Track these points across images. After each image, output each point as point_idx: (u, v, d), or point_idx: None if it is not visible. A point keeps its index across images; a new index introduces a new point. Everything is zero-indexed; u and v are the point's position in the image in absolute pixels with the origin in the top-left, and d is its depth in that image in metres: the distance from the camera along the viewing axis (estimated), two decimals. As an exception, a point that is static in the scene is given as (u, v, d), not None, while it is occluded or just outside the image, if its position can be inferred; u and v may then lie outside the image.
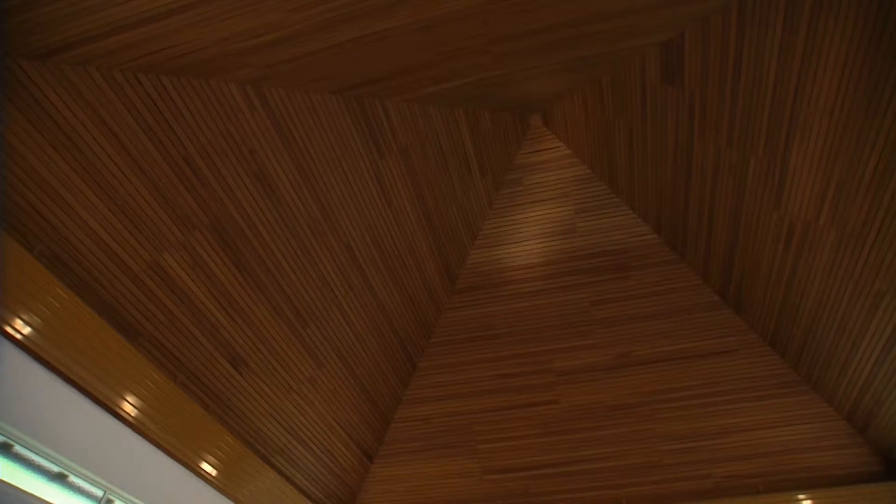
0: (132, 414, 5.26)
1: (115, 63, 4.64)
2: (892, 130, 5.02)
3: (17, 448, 4.34)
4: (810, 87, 5.42)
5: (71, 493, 4.75)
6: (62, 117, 4.46)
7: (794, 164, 6.09)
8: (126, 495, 5.17)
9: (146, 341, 5.40)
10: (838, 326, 6.86)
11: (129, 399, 5.21)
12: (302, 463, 7.59)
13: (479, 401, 9.01)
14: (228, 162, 5.62)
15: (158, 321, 5.46)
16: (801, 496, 7.55)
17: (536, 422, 8.77)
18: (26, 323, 4.32)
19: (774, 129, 6.05)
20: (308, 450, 7.61)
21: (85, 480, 4.85)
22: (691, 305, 8.67)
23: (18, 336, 4.26)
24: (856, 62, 4.98)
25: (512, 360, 9.13)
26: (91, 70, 4.54)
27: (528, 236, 9.60)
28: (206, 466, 6.14)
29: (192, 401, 5.84)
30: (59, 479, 4.68)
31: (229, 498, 6.54)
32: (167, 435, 5.64)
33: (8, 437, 4.25)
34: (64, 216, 4.63)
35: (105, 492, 5.00)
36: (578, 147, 9.34)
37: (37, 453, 4.47)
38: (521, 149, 9.65)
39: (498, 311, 9.44)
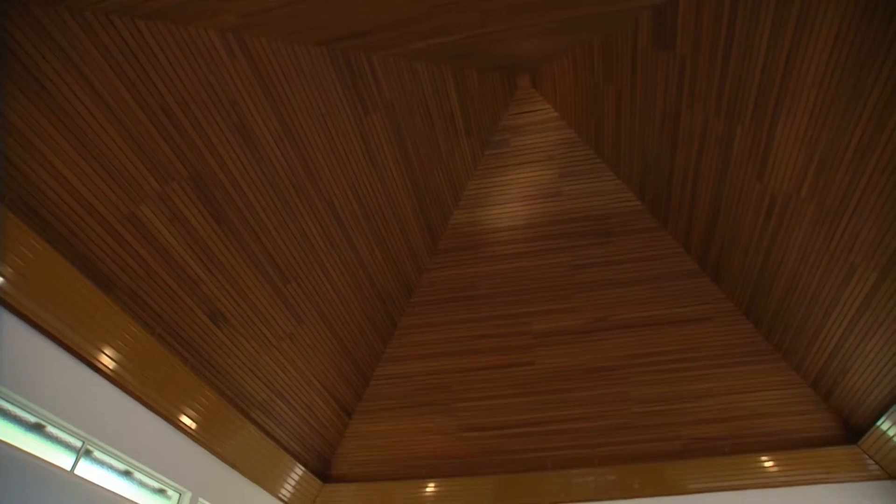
0: (109, 366, 5.24)
1: (87, 3, 4.43)
2: (877, 105, 5.02)
3: (-8, 398, 4.32)
4: (801, 57, 5.38)
5: (49, 443, 4.75)
6: (32, 61, 4.27)
7: (780, 136, 6.09)
8: (105, 446, 5.19)
9: (123, 294, 5.33)
10: (811, 297, 7.01)
11: (106, 351, 5.18)
12: (281, 418, 7.67)
13: (458, 360, 9.13)
14: (208, 112, 5.46)
15: (135, 273, 5.38)
16: (764, 458, 7.85)
17: (513, 382, 8.93)
18: (-1, 273, 4.24)
19: (763, 99, 6.02)
20: (287, 405, 7.68)
21: (62, 431, 4.85)
22: (670, 273, 8.79)
23: (-9, 286, 4.19)
24: (847, 36, 4.93)
25: (491, 322, 9.23)
26: (61, 10, 4.33)
27: (511, 198, 9.58)
28: (185, 419, 6.17)
29: (170, 354, 5.82)
30: (37, 429, 4.67)
31: (209, 451, 6.60)
32: (146, 388, 5.64)
33: (-18, 388, 4.22)
34: (36, 165, 4.49)
35: (83, 442, 5.02)
36: (566, 110, 9.24)
37: (13, 404, 4.45)
38: (508, 110, 9.52)
39: (479, 272, 9.49)
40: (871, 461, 7.56)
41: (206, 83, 5.35)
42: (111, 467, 5.35)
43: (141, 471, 5.65)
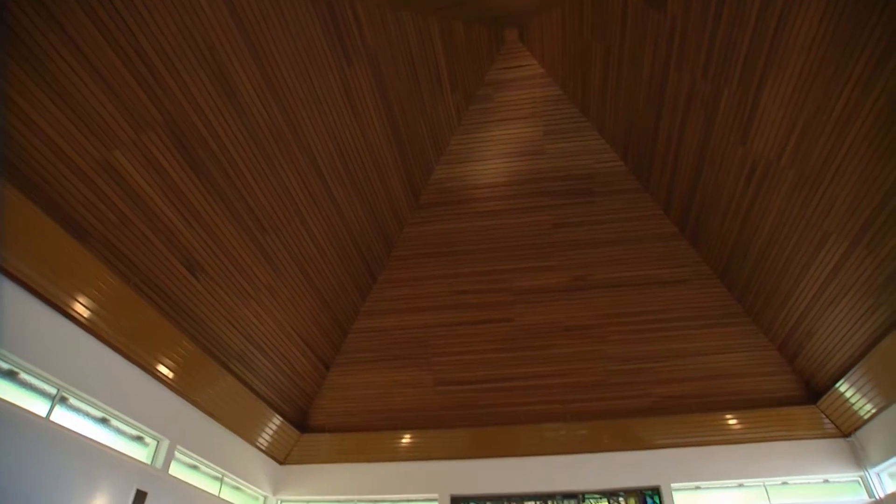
0: (84, 315, 5.18)
1: (55, -64, 4.17)
2: (863, 73, 5.02)
3: (-36, 345, 4.26)
4: (792, 21, 5.31)
5: (23, 390, 4.73)
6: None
7: (766, 100, 6.07)
8: (80, 393, 5.19)
9: (97, 242, 5.23)
10: (784, 263, 7.15)
11: (80, 300, 5.12)
12: (259, 369, 7.72)
13: (436, 315, 9.21)
14: (185, 59, 5.25)
15: (110, 222, 5.27)
16: (728, 416, 8.15)
17: (491, 338, 9.06)
18: (-34, 219, 4.12)
19: (751, 62, 5.97)
20: (266, 356, 7.72)
21: (36, 378, 4.82)
22: (650, 235, 8.87)
23: (-42, 232, 4.08)
24: (840, 1, 4.88)
25: (471, 278, 9.29)
26: (27, -57, 4.08)
27: (494, 155, 9.50)
28: (162, 369, 6.18)
29: (147, 304, 5.78)
30: (10, 376, 4.64)
31: (187, 400, 6.64)
32: (122, 337, 5.61)
33: (-47, 334, 4.16)
34: (5, 110, 4.30)
35: (58, 389, 5.00)
36: (553, 66, 9.08)
37: (-16, 351, 4.41)
38: (495, 64, 9.32)
39: (460, 228, 9.48)
40: (827, 420, 7.90)
41: (182, 28, 5.13)
42: (87, 414, 5.36)
43: (118, 418, 5.67)
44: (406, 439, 8.78)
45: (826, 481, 7.69)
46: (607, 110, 8.63)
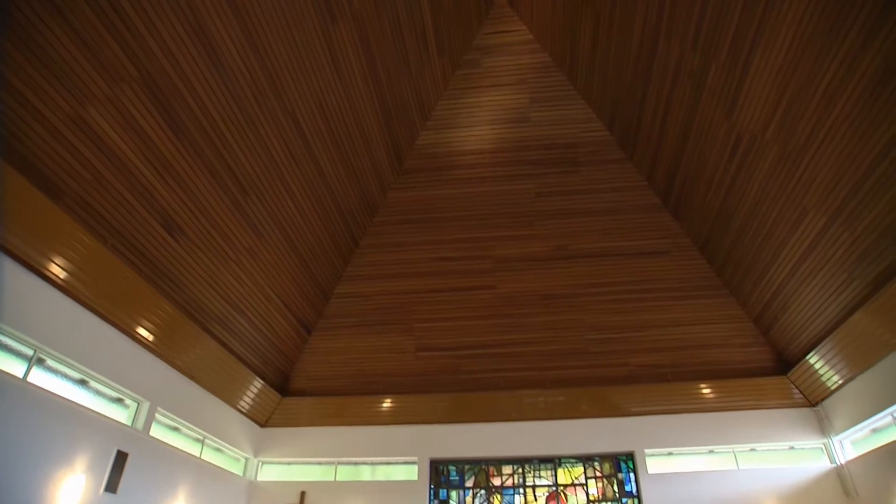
0: (60, 276, 5.08)
1: None
2: (850, 49, 4.99)
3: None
4: (783, -6, 5.27)
5: (-2, 350, 4.66)
6: (-40, -62, 3.83)
7: (754, 74, 6.05)
8: (57, 354, 5.13)
9: (71, 201, 5.08)
10: (764, 237, 7.24)
11: (55, 260, 5.01)
12: (240, 332, 7.69)
13: (418, 281, 9.22)
14: (162, 12, 5.05)
15: (84, 181, 5.12)
16: (702, 385, 8.35)
17: (473, 305, 9.11)
18: (-66, 174, 3.97)
19: (741, 34, 5.91)
20: (246, 319, 7.68)
21: (12, 339, 4.75)
22: (633, 206, 8.91)
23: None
24: (833, -27, 4.84)
25: (453, 245, 9.28)
26: None
27: (480, 121, 9.40)
28: (142, 331, 6.12)
29: (125, 265, 5.67)
30: (-16, 336, 4.57)
31: (167, 363, 6.61)
32: (100, 298, 5.53)
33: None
34: (-30, 58, 4.12)
35: (35, 351, 4.94)
36: (541, 33, 8.94)
37: (-43, 311, 4.31)
38: (483, 28, 9.14)
39: (443, 194, 9.43)
40: (796, 391, 8.14)
41: (159, -22, 4.92)
42: (66, 376, 5.31)
43: (97, 380, 5.64)
44: (387, 404, 8.87)
45: (792, 448, 7.97)
46: (595, 79, 8.55)
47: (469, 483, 8.59)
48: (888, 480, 6.64)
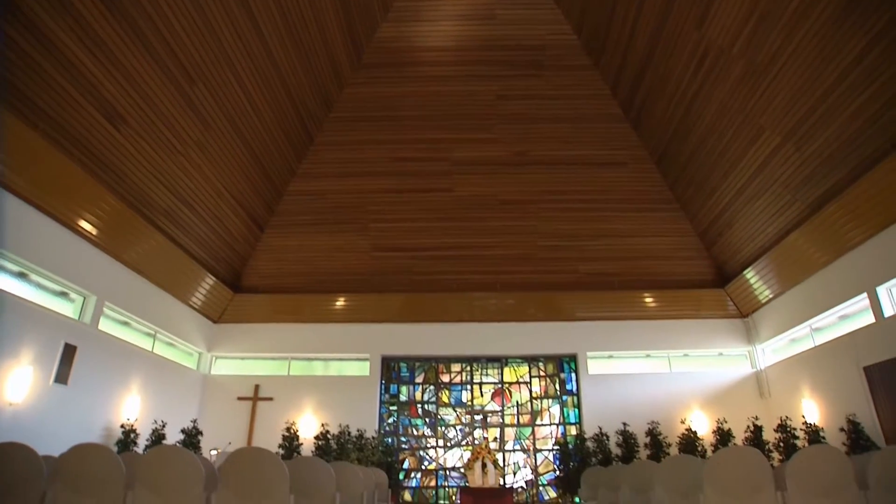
0: (-10, 164, 4.75)
1: None
2: (829, -36, 4.88)
3: None
4: None
5: (-74, 241, 4.40)
6: None
7: (728, -17, 5.87)
8: (-5, 248, 4.90)
9: (-2, 84, 4.66)
10: (719, 154, 7.35)
11: (-16, 148, 4.66)
12: (189, 227, 7.48)
13: (375, 181, 9.05)
14: None
15: (12, 63, 4.66)
16: (645, 294, 8.77)
17: (429, 207, 9.07)
18: None
19: (720, -60, 5.67)
20: (196, 214, 7.45)
21: (-59, 230, 4.49)
22: (594, 115, 8.80)
23: None
24: None
25: (411, 145, 9.05)
26: None
27: (444, 16, 8.87)
28: (84, 224, 5.88)
29: (62, 155, 5.32)
30: None
31: (113, 257, 6.43)
32: (36, 189, 5.22)
33: None
34: None
35: (-32, 243, 4.70)
36: (514, -79, 8.32)
37: None
38: (452, -89, 8.44)
39: (403, 92, 9.04)
40: (731, 303, 8.66)
41: None
42: (4, 269, 5.11)
43: (38, 273, 5.45)
44: (340, 302, 8.99)
45: (720, 354, 8.61)
46: (567, -23, 8.11)
47: (419, 379, 9.00)
48: (796, 383, 7.34)
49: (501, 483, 7.10)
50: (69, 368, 5.66)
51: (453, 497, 8.05)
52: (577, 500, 7.30)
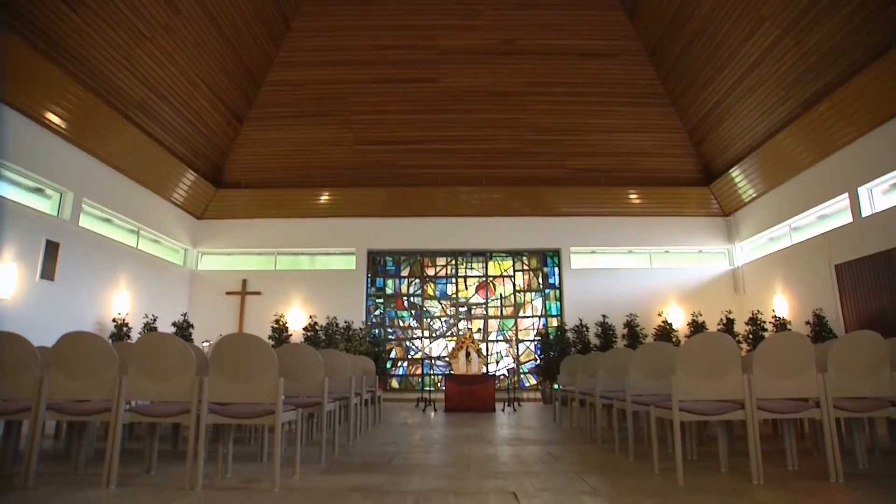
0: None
1: None
2: None
3: None
4: None
5: None
6: None
7: None
8: (-41, 141, 4.71)
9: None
10: (714, 47, 7.06)
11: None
12: (165, 121, 7.19)
13: (356, 71, 8.64)
14: None
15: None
16: (630, 190, 8.76)
17: (413, 98, 8.74)
18: None
19: None
20: (171, 107, 7.14)
21: None
22: (588, 1, 8.32)
23: None
24: None
25: (394, 31, 8.56)
26: None
27: None
28: (52, 117, 5.61)
29: (15, 38, 4.97)
30: None
31: (87, 152, 6.21)
32: (-4, 79, 4.94)
33: None
34: None
35: (-69, 135, 4.50)
36: None
37: None
38: None
39: (385, -31, 8.46)
40: (714, 201, 8.71)
41: None
42: (-26, 164, 4.95)
43: (8, 168, 5.27)
44: (324, 197, 8.91)
45: (700, 252, 8.79)
46: None
47: (405, 273, 9.14)
48: (770, 280, 7.59)
49: (484, 371, 7.43)
50: (54, 265, 5.65)
51: (438, 384, 8.46)
52: (556, 386, 7.71)
